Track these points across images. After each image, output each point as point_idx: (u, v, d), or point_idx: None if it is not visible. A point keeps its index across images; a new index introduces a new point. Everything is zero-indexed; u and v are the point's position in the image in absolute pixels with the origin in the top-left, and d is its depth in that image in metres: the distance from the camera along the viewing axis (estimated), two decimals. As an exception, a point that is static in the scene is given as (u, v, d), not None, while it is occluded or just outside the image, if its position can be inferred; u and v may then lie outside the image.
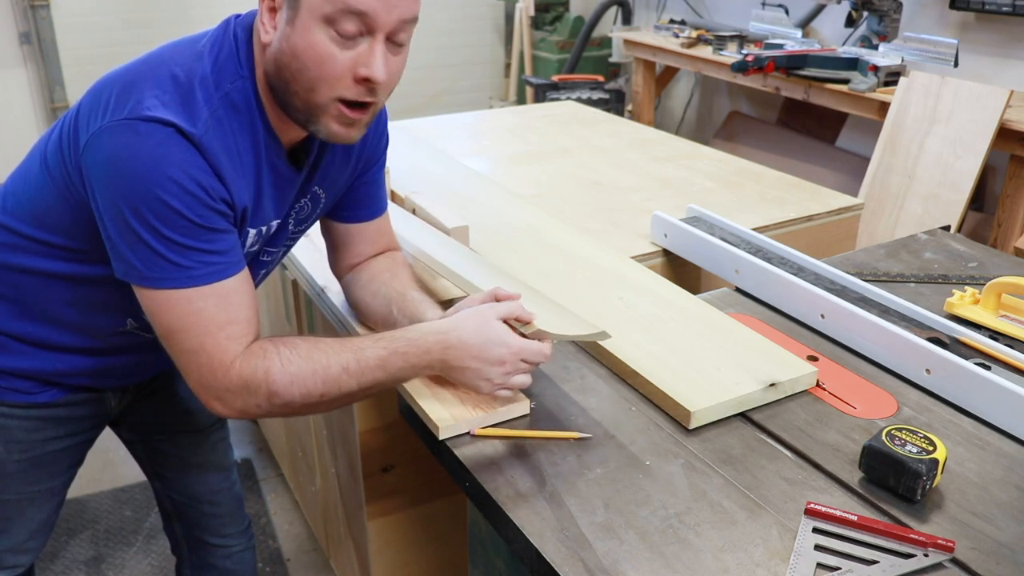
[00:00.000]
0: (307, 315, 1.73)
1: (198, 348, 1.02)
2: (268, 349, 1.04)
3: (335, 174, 1.24)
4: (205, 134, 0.99)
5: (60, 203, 1.09)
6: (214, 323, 1.02)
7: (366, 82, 1.01)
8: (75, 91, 4.71)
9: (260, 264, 1.24)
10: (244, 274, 1.07)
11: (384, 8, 0.98)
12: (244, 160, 1.06)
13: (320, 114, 1.03)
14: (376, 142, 1.30)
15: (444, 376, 1.12)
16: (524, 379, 1.10)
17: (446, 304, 1.34)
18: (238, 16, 1.11)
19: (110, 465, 2.54)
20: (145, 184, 0.96)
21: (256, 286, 1.28)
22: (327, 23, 0.98)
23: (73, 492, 1.62)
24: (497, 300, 1.16)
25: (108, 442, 1.51)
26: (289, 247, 1.31)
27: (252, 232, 1.12)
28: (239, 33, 1.07)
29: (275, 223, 1.17)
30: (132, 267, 1.01)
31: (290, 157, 1.14)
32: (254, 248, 1.16)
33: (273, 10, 1.03)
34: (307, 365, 1.04)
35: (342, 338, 1.10)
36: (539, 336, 1.12)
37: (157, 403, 1.42)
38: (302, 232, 1.29)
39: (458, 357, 1.08)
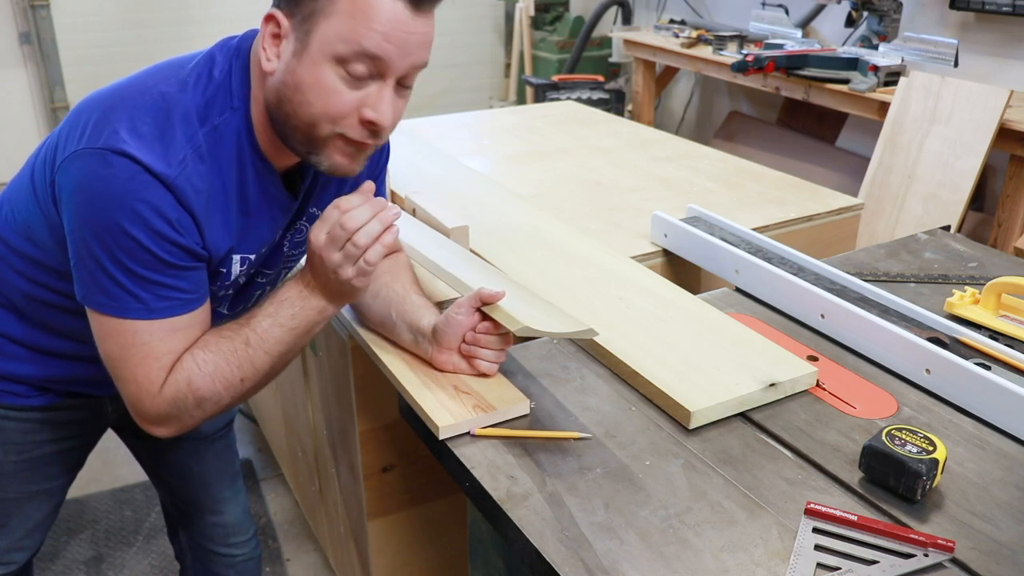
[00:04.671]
0: (307, 315, 1.73)
1: (130, 378, 1.04)
2: (184, 359, 1.06)
3: (333, 195, 1.23)
4: (180, 175, 0.98)
5: (41, 219, 1.08)
6: (152, 355, 1.03)
7: (370, 124, 1.01)
8: (75, 91, 4.71)
9: (256, 285, 1.24)
10: (202, 309, 1.07)
11: (399, 55, 0.98)
12: (229, 194, 1.05)
13: (322, 147, 1.03)
14: (375, 160, 1.29)
15: (327, 294, 1.10)
16: (363, 244, 1.04)
17: (441, 306, 1.34)
18: (232, 39, 1.08)
19: (110, 465, 2.54)
20: (112, 216, 0.96)
21: (251, 303, 1.29)
22: (338, 62, 0.97)
23: (73, 492, 1.61)
24: (481, 300, 1.17)
25: (108, 442, 1.51)
26: (290, 267, 1.30)
27: (237, 259, 1.12)
28: (233, 61, 1.05)
29: (266, 248, 1.17)
30: (91, 293, 1.01)
31: (285, 181, 1.13)
32: (242, 273, 1.16)
33: (277, 36, 1.00)
34: (219, 357, 1.06)
35: (238, 319, 1.11)
36: (527, 334, 1.13)
37: None
38: (302, 254, 1.28)
39: (316, 281, 1.09)
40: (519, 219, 1.78)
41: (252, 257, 1.15)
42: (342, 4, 0.96)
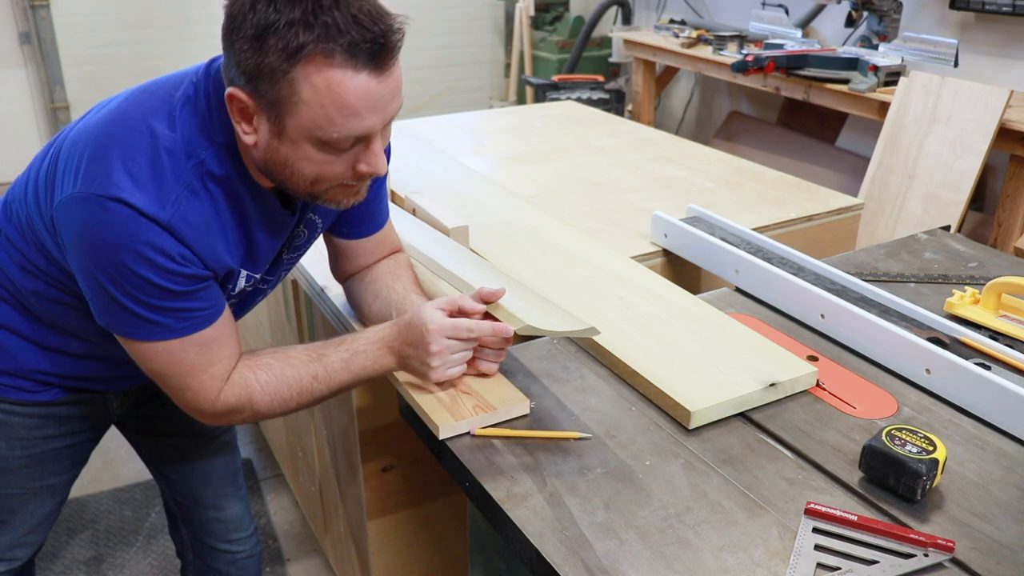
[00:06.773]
0: (307, 315, 1.74)
1: (183, 388, 1.09)
2: (248, 377, 1.12)
3: None
4: (174, 215, 0.99)
5: (46, 235, 1.09)
6: (197, 367, 1.08)
7: (368, 176, 1.04)
8: (75, 91, 4.71)
9: (258, 292, 1.25)
10: (224, 317, 1.10)
11: (379, 120, 0.99)
12: (225, 222, 1.07)
13: (325, 197, 1.07)
14: None
15: (401, 362, 1.16)
16: (462, 355, 1.15)
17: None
18: (215, 61, 1.07)
19: (110, 465, 2.54)
20: (117, 257, 0.98)
21: (252, 306, 1.31)
22: (321, 144, 0.98)
23: (73, 492, 1.61)
24: (482, 299, 1.18)
25: (109, 442, 1.51)
26: (288, 271, 1.31)
27: (244, 274, 1.14)
28: (212, 91, 1.04)
29: (269, 263, 1.19)
30: (113, 322, 1.05)
31: (280, 195, 1.14)
32: (248, 286, 1.18)
33: (245, 111, 0.98)
34: (283, 383, 1.13)
35: (307, 346, 1.16)
36: (529, 333, 1.13)
37: (159, 406, 1.42)
38: (299, 256, 1.30)
39: (400, 348, 1.15)
40: (519, 219, 1.78)
41: (258, 276, 1.18)
42: (306, 94, 0.94)
